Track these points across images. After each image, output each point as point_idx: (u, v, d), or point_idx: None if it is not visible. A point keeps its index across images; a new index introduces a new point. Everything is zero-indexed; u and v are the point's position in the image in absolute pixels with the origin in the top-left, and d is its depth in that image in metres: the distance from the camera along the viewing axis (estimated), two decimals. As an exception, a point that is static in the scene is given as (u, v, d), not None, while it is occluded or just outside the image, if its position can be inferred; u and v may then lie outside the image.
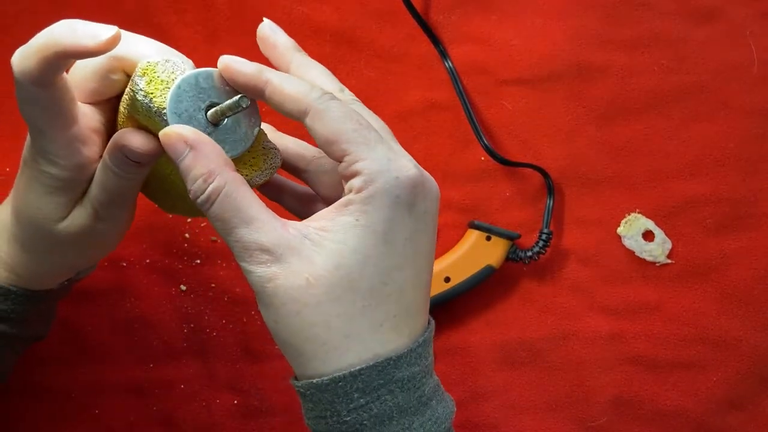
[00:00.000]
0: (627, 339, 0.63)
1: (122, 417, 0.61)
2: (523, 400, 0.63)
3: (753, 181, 0.63)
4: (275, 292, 0.37)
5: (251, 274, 0.37)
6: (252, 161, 0.42)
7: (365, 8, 0.63)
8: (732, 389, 0.63)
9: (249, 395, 0.61)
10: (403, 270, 0.38)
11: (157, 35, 0.62)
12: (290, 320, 0.37)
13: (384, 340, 0.38)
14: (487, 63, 0.63)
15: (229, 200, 0.37)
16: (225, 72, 0.40)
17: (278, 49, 0.43)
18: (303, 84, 0.39)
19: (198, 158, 0.38)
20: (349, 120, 0.38)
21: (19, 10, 0.61)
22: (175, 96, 0.39)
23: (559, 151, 0.63)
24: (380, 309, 0.38)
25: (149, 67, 0.39)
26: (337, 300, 0.37)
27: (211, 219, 0.38)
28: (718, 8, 0.63)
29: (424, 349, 0.39)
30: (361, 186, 0.37)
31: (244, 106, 0.39)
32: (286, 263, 0.37)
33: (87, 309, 0.61)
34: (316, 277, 0.37)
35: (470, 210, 0.63)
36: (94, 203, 0.44)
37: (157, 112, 0.39)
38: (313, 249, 0.37)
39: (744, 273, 0.63)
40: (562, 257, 0.63)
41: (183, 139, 0.38)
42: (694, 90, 0.63)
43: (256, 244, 0.37)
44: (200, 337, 0.61)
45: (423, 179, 0.39)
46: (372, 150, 0.37)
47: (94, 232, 0.45)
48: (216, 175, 0.37)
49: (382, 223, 0.37)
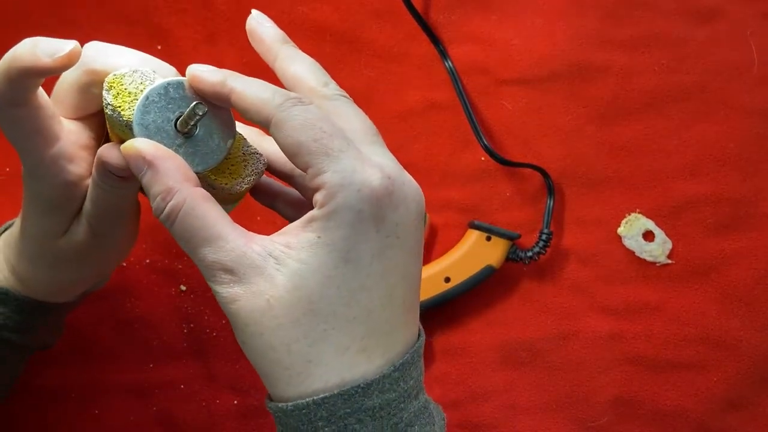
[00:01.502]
0: (627, 339, 0.63)
1: (122, 417, 0.61)
2: (523, 400, 0.63)
3: (753, 181, 0.63)
4: (238, 313, 0.36)
5: (216, 294, 0.36)
6: (231, 169, 0.40)
7: (365, 8, 0.63)
8: (732, 389, 0.63)
9: (249, 395, 0.61)
10: (371, 290, 0.36)
11: (157, 35, 0.63)
12: (254, 342, 0.36)
13: (351, 364, 0.36)
14: (487, 63, 0.63)
15: (189, 218, 0.36)
16: (191, 81, 0.38)
17: (265, 42, 0.41)
18: (266, 90, 0.37)
19: (156, 175, 0.36)
20: (311, 129, 0.35)
21: (20, 10, 0.61)
22: (142, 108, 0.38)
23: (559, 151, 0.63)
24: (345, 332, 0.36)
25: (115, 80, 0.38)
26: (297, 323, 0.35)
27: (174, 236, 0.37)
28: (719, 8, 0.63)
29: (402, 373, 0.37)
30: (323, 201, 0.35)
31: (199, 113, 0.37)
32: (248, 284, 0.35)
33: (87, 309, 0.61)
34: (276, 299, 0.35)
35: (470, 210, 0.63)
36: (89, 219, 0.43)
37: (128, 125, 0.38)
38: (276, 268, 0.35)
39: (744, 273, 0.63)
40: (562, 257, 0.63)
41: (140, 155, 0.36)
42: (694, 90, 0.63)
43: (218, 264, 0.36)
44: (200, 337, 0.61)
45: (392, 189, 0.36)
46: (334, 161, 0.35)
47: (93, 247, 0.44)
48: (175, 192, 0.36)
49: (344, 241, 0.35)
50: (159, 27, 0.62)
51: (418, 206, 0.37)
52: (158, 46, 0.62)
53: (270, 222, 0.61)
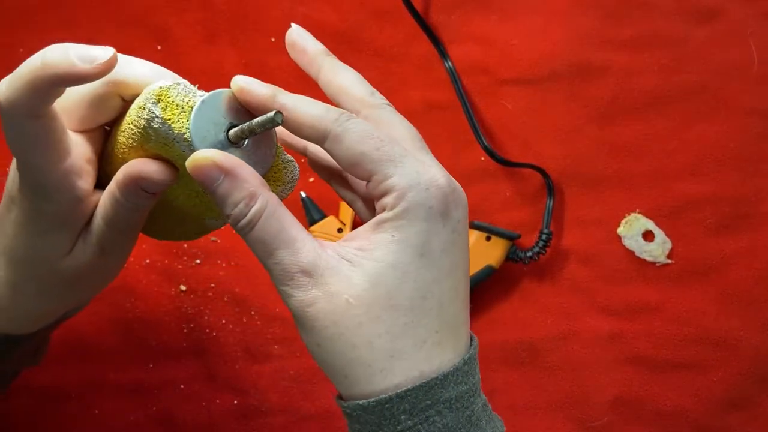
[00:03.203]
0: (627, 339, 0.63)
1: (122, 417, 0.61)
2: (523, 400, 0.63)
3: (753, 181, 0.63)
4: (316, 316, 0.36)
5: (291, 297, 0.37)
6: (275, 176, 0.41)
7: (365, 8, 0.63)
8: (732, 389, 0.63)
9: (249, 395, 0.61)
10: (442, 282, 0.37)
11: (157, 35, 0.63)
12: (333, 343, 0.36)
13: (429, 357, 0.37)
14: (487, 63, 0.63)
15: (271, 221, 0.37)
16: (239, 94, 0.39)
17: (308, 54, 0.42)
18: (318, 107, 0.38)
19: (236, 182, 0.36)
20: (370, 139, 0.37)
21: (20, 10, 0.61)
22: (197, 120, 0.38)
23: (559, 151, 0.63)
24: (422, 325, 0.37)
25: (163, 92, 0.38)
26: (378, 319, 0.36)
27: (250, 242, 0.37)
28: (719, 8, 0.63)
29: (470, 367, 0.38)
30: (394, 203, 0.37)
31: (279, 122, 0.37)
32: (325, 285, 0.36)
33: (87, 309, 0.61)
34: (355, 298, 0.36)
35: (470, 210, 0.62)
36: (101, 238, 0.41)
37: (177, 139, 0.37)
38: (351, 269, 0.37)
39: (744, 273, 0.63)
40: (562, 257, 0.63)
41: (216, 165, 0.36)
42: (694, 90, 0.63)
43: (297, 266, 0.36)
44: (200, 337, 0.61)
45: (454, 187, 0.38)
46: (398, 165, 0.37)
47: (100, 266, 0.43)
48: (257, 196, 0.36)
49: (418, 236, 0.37)
50: (159, 27, 0.62)
51: (467, 207, 0.39)
52: (158, 46, 0.62)
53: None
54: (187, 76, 0.65)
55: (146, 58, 0.64)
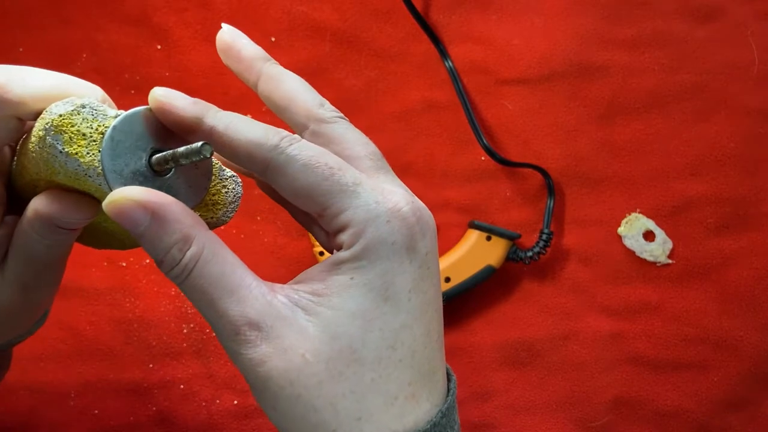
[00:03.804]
0: (627, 339, 0.63)
1: (122, 417, 0.61)
2: (524, 401, 0.63)
3: (754, 181, 0.63)
4: (269, 375, 0.31)
5: (240, 356, 0.32)
6: (213, 199, 0.36)
7: (365, 8, 0.63)
8: (733, 389, 0.63)
9: (249, 395, 0.61)
10: (412, 328, 0.33)
11: (157, 35, 0.63)
12: (291, 406, 0.32)
13: (402, 414, 0.32)
14: (487, 63, 0.63)
15: (209, 267, 0.31)
16: (159, 114, 0.33)
17: (244, 60, 0.36)
18: (256, 129, 0.32)
19: (164, 224, 0.31)
20: (317, 167, 0.32)
21: (20, 10, 0.61)
22: (109, 152, 0.32)
23: (559, 151, 0.63)
24: (392, 379, 0.32)
25: (64, 121, 0.32)
26: (341, 377, 0.32)
27: (187, 291, 0.32)
28: (719, 8, 0.63)
29: (448, 419, 0.34)
30: (351, 240, 0.32)
31: (207, 155, 0.31)
32: (277, 339, 0.31)
33: (87, 309, 0.61)
34: (312, 353, 0.31)
35: (470, 210, 0.63)
36: (20, 275, 0.36)
37: (88, 173, 0.32)
38: (307, 319, 0.32)
39: (745, 273, 0.63)
40: (563, 257, 0.63)
41: (139, 205, 0.31)
42: (694, 90, 0.63)
43: (243, 318, 0.31)
44: (200, 337, 0.61)
45: (419, 214, 0.33)
46: (353, 196, 0.32)
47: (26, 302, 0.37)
48: (192, 239, 0.31)
49: (381, 278, 0.32)
50: (159, 27, 0.62)
51: (435, 231, 0.35)
52: (158, 46, 0.62)
53: (270, 221, 0.61)
54: (188, 76, 0.66)
55: (146, 58, 0.65)
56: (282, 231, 0.62)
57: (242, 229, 0.62)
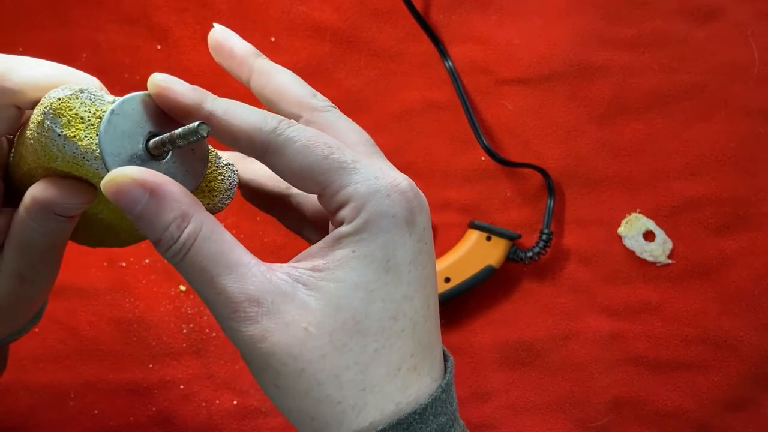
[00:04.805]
0: (627, 339, 0.63)
1: (122, 417, 0.61)
2: (524, 401, 0.63)
3: (754, 181, 0.63)
4: (271, 351, 0.31)
5: (239, 333, 0.32)
6: (210, 186, 0.36)
7: (365, 7, 0.63)
8: (733, 389, 0.63)
9: (249, 395, 0.61)
10: (413, 299, 0.33)
11: (157, 35, 0.63)
12: (294, 381, 0.32)
13: (404, 385, 0.33)
14: (487, 63, 0.63)
15: (208, 244, 0.31)
16: (158, 99, 0.33)
17: (236, 57, 0.37)
18: (254, 114, 0.33)
19: (163, 202, 0.31)
20: (316, 146, 0.32)
21: (20, 10, 0.61)
22: (106, 135, 0.32)
23: (559, 151, 0.63)
24: (395, 349, 0.33)
25: (62, 104, 0.32)
26: (345, 348, 0.32)
27: (184, 270, 0.32)
28: (719, 8, 0.63)
29: (448, 394, 0.34)
30: (353, 215, 0.32)
31: (204, 134, 0.31)
32: (278, 314, 0.31)
33: (87, 309, 0.61)
34: (315, 326, 0.31)
35: (470, 210, 0.63)
36: (18, 266, 0.36)
37: (87, 157, 0.32)
38: (308, 293, 0.32)
39: (745, 273, 0.63)
40: (563, 257, 0.63)
41: (137, 183, 0.31)
42: (694, 90, 0.63)
43: (243, 294, 0.31)
44: (200, 337, 0.61)
45: (416, 191, 0.34)
46: (353, 172, 0.32)
47: (23, 294, 0.37)
48: (190, 216, 0.31)
49: (382, 249, 0.32)
50: (159, 27, 0.62)
51: (429, 211, 0.35)
52: (158, 46, 0.62)
53: (270, 221, 0.61)
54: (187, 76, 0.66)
55: (146, 58, 0.65)
56: (282, 231, 0.62)
57: (242, 229, 0.62)
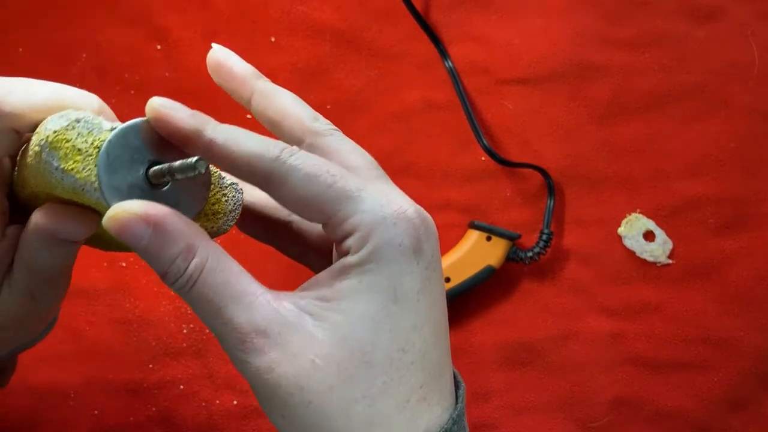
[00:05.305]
0: (628, 339, 0.63)
1: (122, 417, 0.61)
2: (524, 401, 0.63)
3: (754, 181, 0.63)
4: (278, 383, 0.31)
5: (247, 365, 0.31)
6: (213, 209, 0.35)
7: (365, 8, 0.63)
8: (733, 390, 0.63)
9: (249, 395, 0.61)
10: (422, 329, 0.33)
11: (157, 35, 0.62)
12: (301, 414, 0.31)
13: (414, 418, 0.32)
14: (487, 63, 0.63)
15: (214, 276, 0.31)
16: (156, 125, 0.32)
17: (237, 77, 0.37)
18: (255, 142, 0.32)
19: (168, 236, 0.31)
20: (319, 175, 0.32)
21: (20, 10, 0.61)
22: (106, 168, 0.31)
23: (559, 151, 0.63)
24: (404, 382, 0.32)
25: (58, 137, 0.31)
26: (353, 381, 0.31)
27: (192, 301, 0.32)
28: (720, 8, 0.63)
29: (459, 426, 0.34)
30: (358, 245, 0.32)
31: (201, 170, 0.31)
32: (285, 345, 0.31)
33: (87, 309, 0.61)
34: (322, 357, 0.31)
35: (470, 210, 0.63)
36: (27, 285, 0.36)
37: (85, 188, 0.31)
38: (315, 324, 0.32)
39: (745, 273, 0.63)
40: (563, 257, 0.63)
41: (139, 218, 0.30)
42: (695, 90, 0.63)
43: (250, 325, 0.31)
44: (200, 337, 0.61)
45: (423, 217, 0.33)
46: (358, 202, 0.32)
47: (32, 312, 0.38)
48: (196, 248, 0.31)
49: (389, 280, 0.32)
50: (159, 27, 0.62)
51: (437, 237, 0.35)
52: (158, 46, 0.62)
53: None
54: (187, 76, 0.66)
55: (146, 58, 0.65)
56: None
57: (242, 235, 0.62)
